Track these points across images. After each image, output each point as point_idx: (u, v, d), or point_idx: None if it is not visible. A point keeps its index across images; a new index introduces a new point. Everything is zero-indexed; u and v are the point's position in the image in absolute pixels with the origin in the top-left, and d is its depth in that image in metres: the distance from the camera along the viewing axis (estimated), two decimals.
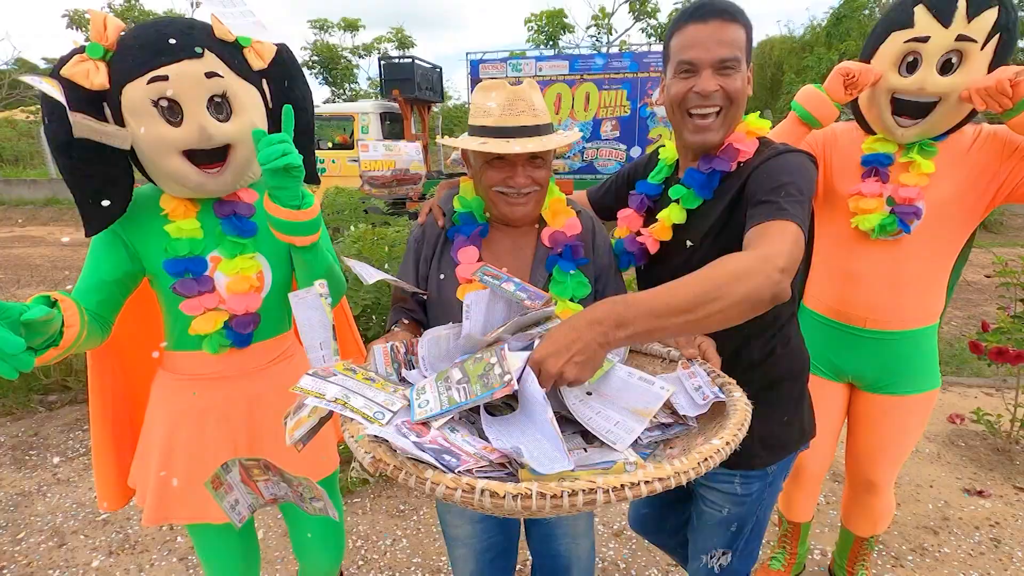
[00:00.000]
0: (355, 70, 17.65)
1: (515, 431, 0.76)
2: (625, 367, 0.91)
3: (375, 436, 0.71)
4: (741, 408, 0.80)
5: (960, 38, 1.20)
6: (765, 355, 1.13)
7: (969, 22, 1.19)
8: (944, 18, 1.20)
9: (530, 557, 1.36)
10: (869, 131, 1.42)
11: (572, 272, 1.12)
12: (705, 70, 1.03)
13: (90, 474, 2.64)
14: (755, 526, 1.23)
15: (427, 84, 9.48)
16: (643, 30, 14.21)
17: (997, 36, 1.20)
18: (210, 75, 1.04)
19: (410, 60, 9.16)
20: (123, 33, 1.05)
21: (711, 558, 1.26)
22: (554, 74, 8.22)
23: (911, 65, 1.27)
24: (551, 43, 14.45)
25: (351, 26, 17.33)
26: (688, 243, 1.11)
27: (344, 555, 1.54)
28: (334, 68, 17.00)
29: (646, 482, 0.62)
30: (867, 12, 14.61)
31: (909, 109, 1.29)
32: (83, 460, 2.78)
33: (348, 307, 1.54)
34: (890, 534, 2.15)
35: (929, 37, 1.22)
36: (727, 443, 0.71)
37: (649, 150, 1.35)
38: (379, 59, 9.92)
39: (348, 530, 2.19)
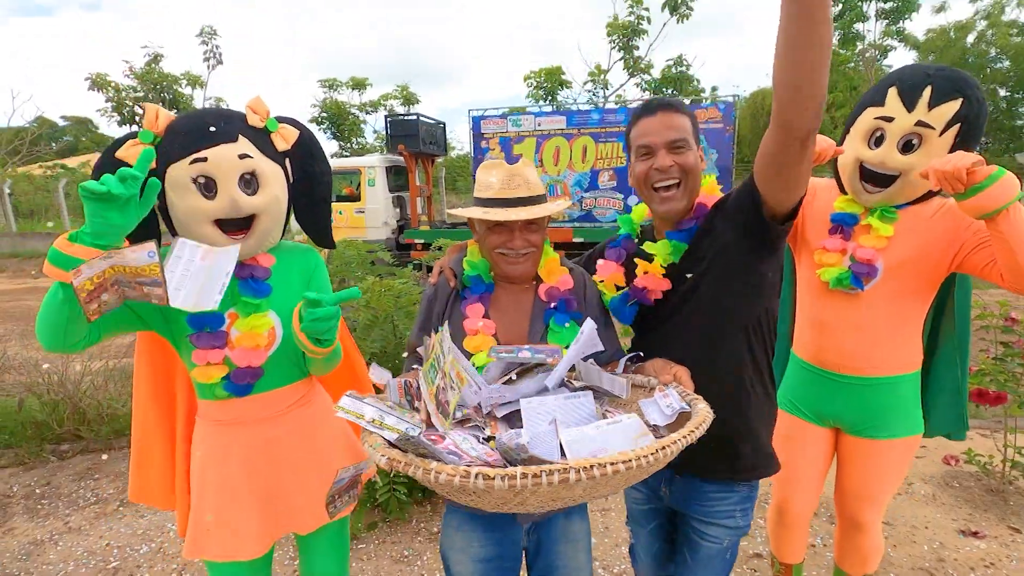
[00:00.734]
0: (362, 125, 18.38)
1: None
2: (594, 423, 1.04)
3: (392, 442, 0.91)
4: (702, 413, 0.94)
5: (919, 123, 1.33)
6: (756, 393, 1.28)
7: (930, 110, 1.32)
8: (909, 103, 1.34)
9: None
10: (844, 191, 1.55)
11: (567, 324, 1.26)
12: (660, 150, 1.23)
13: (101, 522, 2.70)
14: (736, 548, 1.38)
15: (431, 139, 9.90)
16: (637, 84, 14.86)
17: (957, 125, 1.32)
18: (242, 156, 1.20)
19: (415, 117, 9.60)
20: (171, 122, 1.22)
21: None
22: (553, 128, 8.61)
23: (878, 140, 1.40)
24: (550, 98, 15.09)
25: (359, 84, 18.16)
26: (688, 275, 1.26)
27: None
28: (342, 124, 17.70)
29: (611, 463, 0.75)
30: (852, 65, 15.30)
31: (874, 178, 1.43)
32: (94, 508, 2.83)
33: (359, 355, 1.65)
34: (886, 575, 2.18)
35: (894, 118, 1.36)
36: (685, 436, 0.85)
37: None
38: (385, 116, 10.41)
39: (353, 575, 2.24)
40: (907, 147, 1.36)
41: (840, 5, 14.40)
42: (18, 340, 6.13)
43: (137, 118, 15.36)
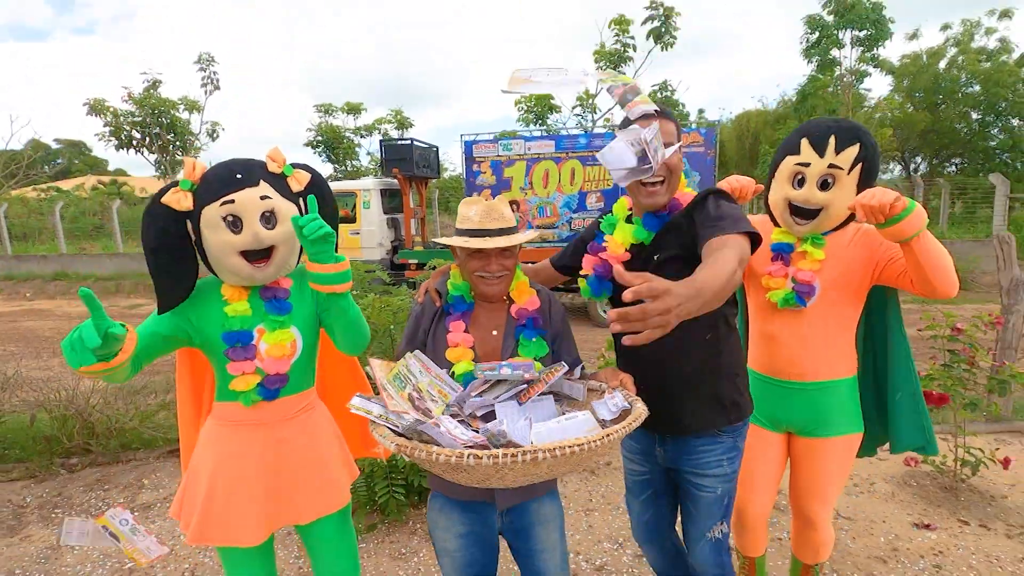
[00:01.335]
0: (357, 148, 18.71)
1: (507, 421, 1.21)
2: (555, 419, 1.27)
3: (402, 431, 1.12)
4: (638, 410, 1.18)
5: (831, 166, 1.59)
6: (711, 348, 1.54)
7: (837, 154, 1.59)
8: (819, 150, 1.61)
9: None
10: (777, 224, 1.80)
11: (534, 339, 1.49)
12: None
13: None
14: (732, 493, 1.61)
15: (424, 163, 10.20)
16: None
17: (860, 164, 1.59)
18: (263, 198, 1.42)
19: (409, 142, 9.91)
20: (205, 171, 1.44)
21: (712, 532, 1.59)
22: (542, 152, 8.92)
23: (800, 181, 1.66)
24: (540, 122, 15.51)
25: (354, 109, 18.54)
26: (656, 256, 1.51)
27: None
28: (337, 147, 18.04)
29: (568, 447, 0.97)
30: (831, 90, 15.88)
31: (801, 213, 1.68)
32: None
33: (359, 367, 1.86)
34: (844, 564, 2.38)
35: (810, 163, 1.62)
36: (624, 427, 1.08)
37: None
38: (380, 141, 10.72)
39: None
40: (824, 185, 1.62)
41: (817, 33, 15.03)
42: (30, 360, 6.22)
43: (135, 142, 15.61)
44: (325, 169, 18.14)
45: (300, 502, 1.55)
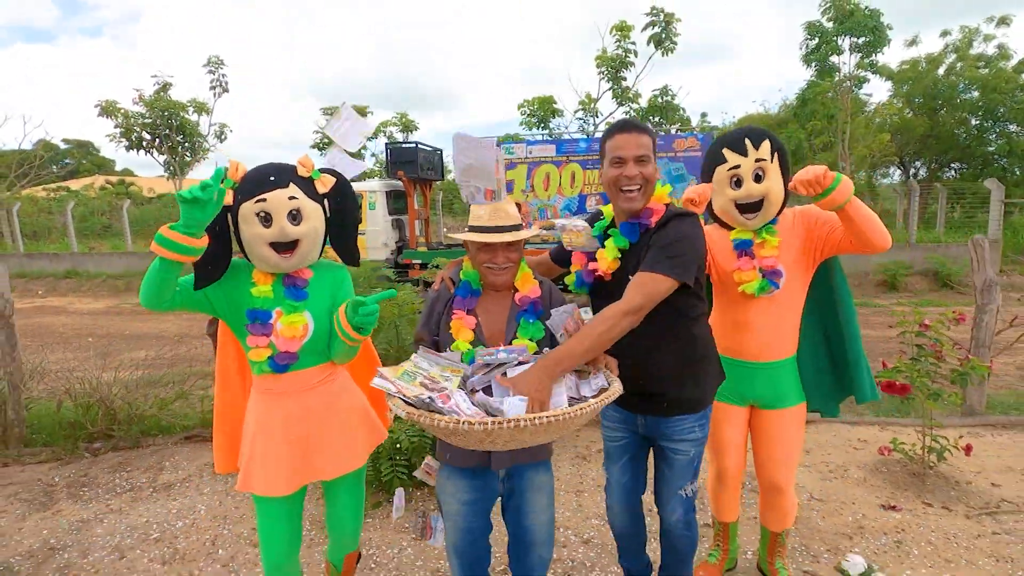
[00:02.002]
0: (362, 151, 18.97)
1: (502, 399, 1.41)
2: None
3: (414, 403, 1.32)
4: (614, 389, 1.39)
5: (758, 160, 1.84)
6: (689, 342, 1.75)
7: (757, 150, 1.83)
8: (742, 152, 1.84)
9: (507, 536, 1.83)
10: (727, 227, 2.03)
11: (533, 322, 1.70)
12: (629, 161, 1.65)
13: (139, 504, 3.08)
14: (701, 455, 1.84)
15: (429, 165, 10.44)
16: (626, 113, 15.50)
17: (777, 154, 1.85)
18: (291, 198, 1.64)
19: (413, 145, 10.16)
20: (245, 173, 1.67)
21: (683, 490, 1.83)
22: (543, 156, 9.16)
23: (737, 182, 1.88)
24: (542, 125, 15.73)
25: (359, 113, 18.79)
26: (629, 277, 1.66)
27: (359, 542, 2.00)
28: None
29: (547, 417, 1.17)
30: (831, 95, 16.04)
31: (748, 208, 1.90)
32: (130, 495, 3.21)
33: (373, 348, 2.08)
34: (812, 539, 2.58)
35: (740, 164, 1.86)
36: (600, 401, 1.28)
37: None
38: (386, 144, 10.98)
39: (362, 541, 2.62)
40: (757, 179, 1.86)
41: (816, 39, 15.21)
42: (49, 354, 6.46)
43: (144, 143, 15.94)
44: None
45: (322, 461, 1.78)
